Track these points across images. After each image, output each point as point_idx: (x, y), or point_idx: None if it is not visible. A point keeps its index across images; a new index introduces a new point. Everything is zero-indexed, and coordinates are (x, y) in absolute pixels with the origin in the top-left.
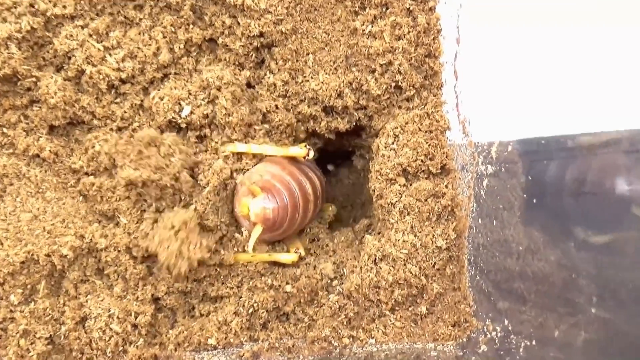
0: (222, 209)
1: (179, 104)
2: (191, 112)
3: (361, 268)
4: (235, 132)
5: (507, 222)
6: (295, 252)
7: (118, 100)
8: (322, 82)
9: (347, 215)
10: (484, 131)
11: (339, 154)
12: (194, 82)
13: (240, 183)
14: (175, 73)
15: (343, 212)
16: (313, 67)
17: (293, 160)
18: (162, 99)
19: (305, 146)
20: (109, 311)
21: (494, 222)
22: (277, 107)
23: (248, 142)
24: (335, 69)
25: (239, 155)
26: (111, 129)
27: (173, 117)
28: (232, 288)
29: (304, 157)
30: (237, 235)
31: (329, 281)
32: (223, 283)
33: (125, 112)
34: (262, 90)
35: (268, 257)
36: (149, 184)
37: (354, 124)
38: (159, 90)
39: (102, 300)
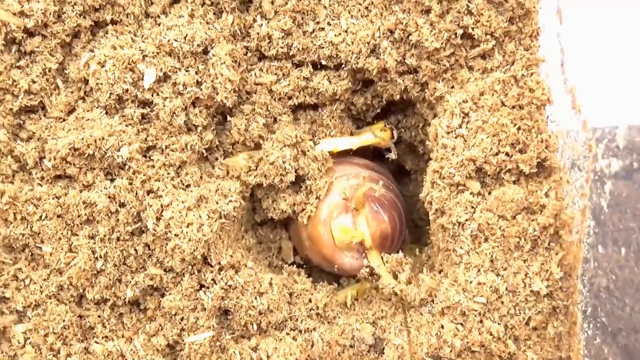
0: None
1: (132, 69)
2: (159, 78)
3: (412, 327)
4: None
5: None
6: None
7: (22, 62)
8: (346, 31)
9: None
10: (606, 106)
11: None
12: (146, 36)
13: (321, 205)
14: (113, 21)
15: None
16: (331, 6)
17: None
18: (102, 65)
19: (385, 126)
20: None
21: (625, 251)
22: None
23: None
24: (366, 8)
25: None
26: (11, 110)
27: (127, 90)
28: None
29: (391, 139)
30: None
31: (362, 349)
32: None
33: (33, 82)
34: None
35: None
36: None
37: (398, 96)
38: (92, 52)
39: None
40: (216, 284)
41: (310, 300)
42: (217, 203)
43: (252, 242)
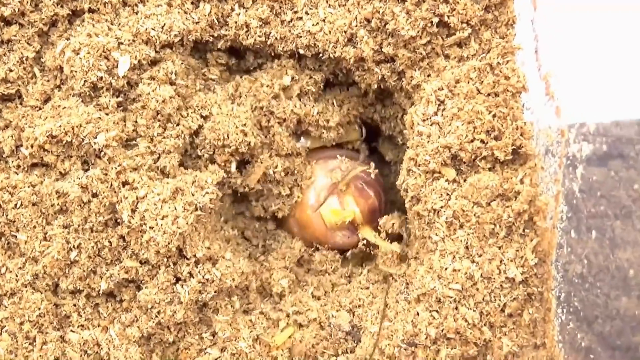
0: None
1: (107, 57)
2: (134, 66)
3: (387, 314)
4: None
5: (620, 238)
6: None
7: None
8: (324, 20)
9: None
10: (580, 93)
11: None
12: (122, 24)
13: (309, 193)
14: (90, 9)
15: None
16: None
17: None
18: (77, 53)
19: (359, 126)
20: None
21: (598, 237)
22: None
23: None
24: None
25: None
26: None
27: (102, 78)
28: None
29: (358, 140)
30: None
31: (340, 337)
32: None
33: (10, 70)
34: (229, 37)
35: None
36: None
37: (375, 86)
38: (68, 40)
39: None
40: (193, 277)
41: None
42: (193, 195)
43: (232, 233)
